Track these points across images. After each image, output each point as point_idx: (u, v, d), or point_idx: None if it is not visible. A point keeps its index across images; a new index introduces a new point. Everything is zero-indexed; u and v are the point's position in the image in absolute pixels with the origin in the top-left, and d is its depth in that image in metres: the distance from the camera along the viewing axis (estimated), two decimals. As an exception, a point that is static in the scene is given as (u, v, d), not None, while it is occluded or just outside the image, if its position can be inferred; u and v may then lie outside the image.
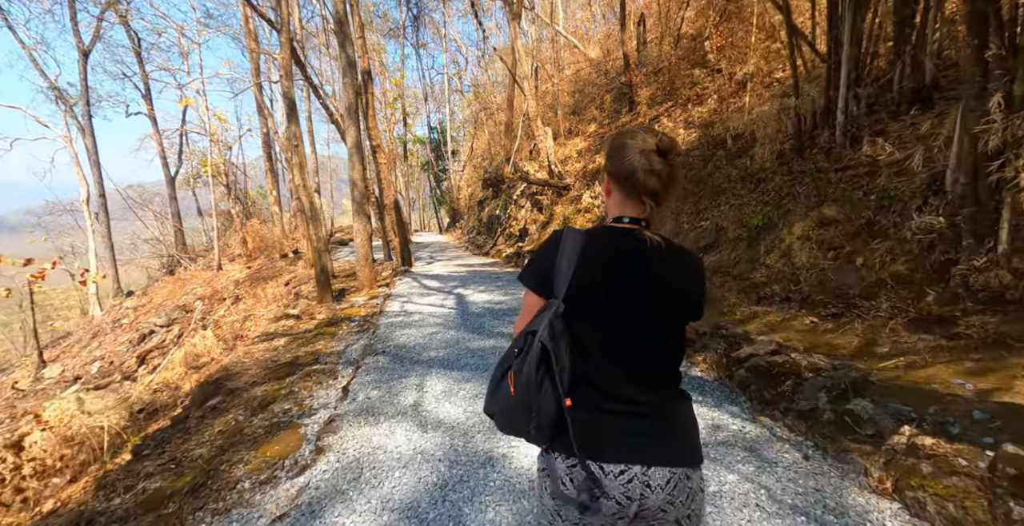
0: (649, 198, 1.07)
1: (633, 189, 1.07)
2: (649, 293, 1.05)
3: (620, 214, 1.11)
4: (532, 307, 1.10)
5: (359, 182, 9.08)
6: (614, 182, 1.11)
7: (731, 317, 4.55)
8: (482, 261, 12.98)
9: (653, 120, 12.43)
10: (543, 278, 1.09)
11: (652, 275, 1.06)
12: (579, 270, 1.04)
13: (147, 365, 12.91)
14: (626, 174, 1.07)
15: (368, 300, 8.04)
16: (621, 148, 1.08)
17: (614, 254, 1.07)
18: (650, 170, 1.04)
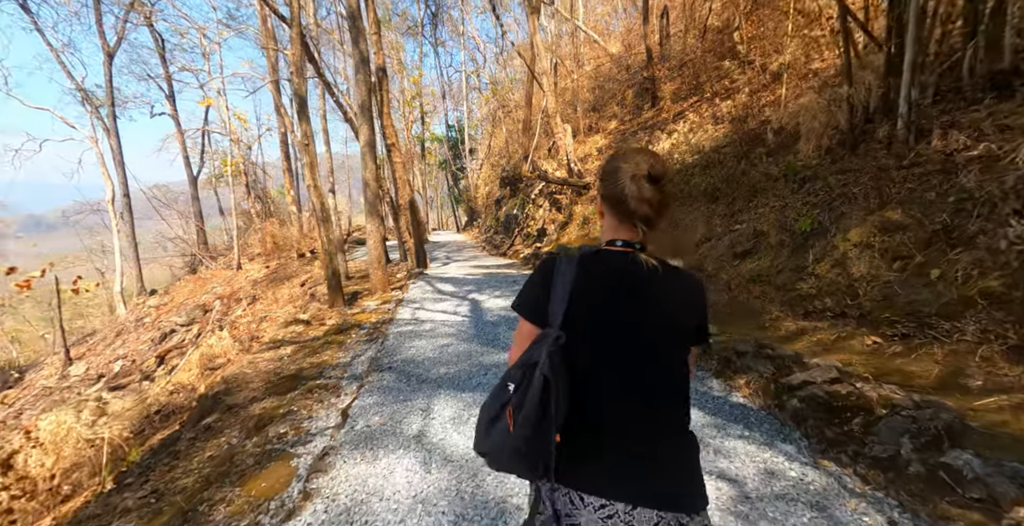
0: (641, 223, 1.05)
1: (625, 215, 1.05)
2: (647, 318, 1.01)
3: (614, 237, 1.08)
4: (526, 337, 1.05)
5: (372, 182, 8.74)
6: (606, 205, 1.09)
7: (773, 333, 4.04)
8: (499, 262, 12.56)
9: (677, 116, 11.85)
10: (537, 306, 1.05)
11: (649, 299, 1.02)
12: (574, 297, 1.00)
13: (166, 365, 12.86)
14: (617, 199, 1.04)
15: (380, 305, 7.70)
16: (614, 172, 1.05)
17: (609, 279, 1.03)
18: (640, 197, 1.02)
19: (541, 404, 0.94)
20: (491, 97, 22.81)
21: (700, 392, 3.52)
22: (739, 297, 4.77)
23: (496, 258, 13.94)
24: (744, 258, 4.85)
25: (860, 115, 4.17)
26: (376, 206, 8.77)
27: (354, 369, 4.64)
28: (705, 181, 6.35)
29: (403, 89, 26.04)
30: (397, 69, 26.31)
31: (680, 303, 1.05)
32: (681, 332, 1.05)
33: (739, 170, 5.97)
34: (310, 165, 7.63)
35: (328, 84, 9.52)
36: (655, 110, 14.04)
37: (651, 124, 13.09)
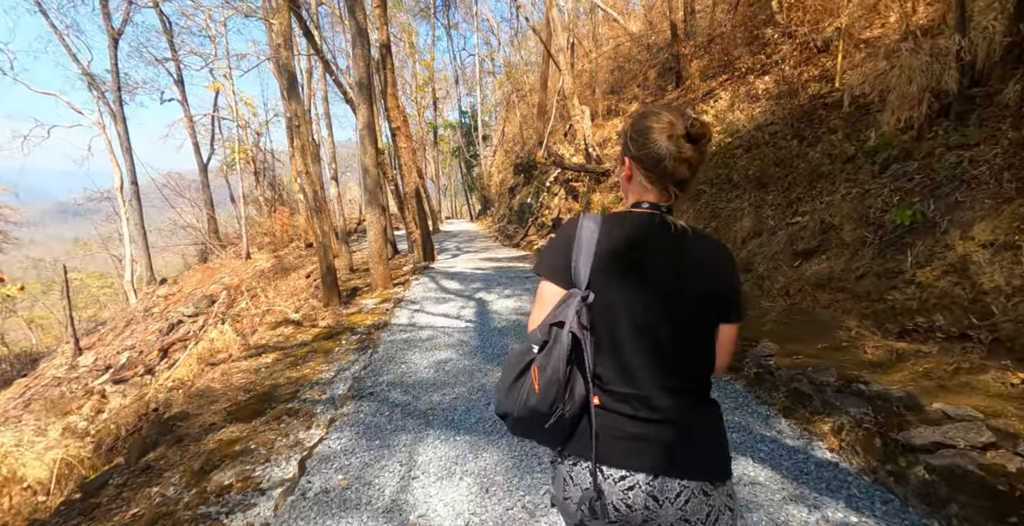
0: (675, 186, 0.98)
1: (660, 176, 0.97)
2: (673, 281, 0.95)
3: (640, 199, 1.01)
4: (549, 299, 1.00)
5: (371, 168, 7.87)
6: (638, 167, 1.00)
7: (856, 356, 3.11)
8: (511, 254, 11.68)
9: (707, 95, 10.72)
10: (561, 267, 0.99)
11: (675, 261, 0.96)
12: (599, 257, 0.96)
13: (169, 358, 12.31)
14: (653, 161, 0.96)
15: (379, 303, 6.89)
16: (646, 131, 0.97)
17: (636, 240, 0.97)
18: (680, 158, 0.94)
19: (568, 363, 0.90)
20: (505, 80, 21.67)
21: (767, 438, 2.63)
22: (801, 305, 3.83)
23: (508, 249, 13.06)
24: (808, 258, 3.90)
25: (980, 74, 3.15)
26: (376, 195, 7.92)
27: (334, 390, 3.82)
28: (751, 165, 5.36)
29: (415, 73, 25.01)
30: (409, 53, 25.27)
31: (707, 268, 0.98)
32: (708, 299, 0.97)
33: (794, 151, 4.97)
34: (301, 149, 6.79)
35: (327, 62, 8.64)
36: (680, 90, 12.89)
37: (677, 106, 11.96)
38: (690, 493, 0.89)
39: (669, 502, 0.89)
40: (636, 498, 0.89)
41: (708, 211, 5.61)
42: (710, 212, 5.54)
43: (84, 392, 11.81)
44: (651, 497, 0.89)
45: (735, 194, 5.44)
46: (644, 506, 0.89)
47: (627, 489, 0.90)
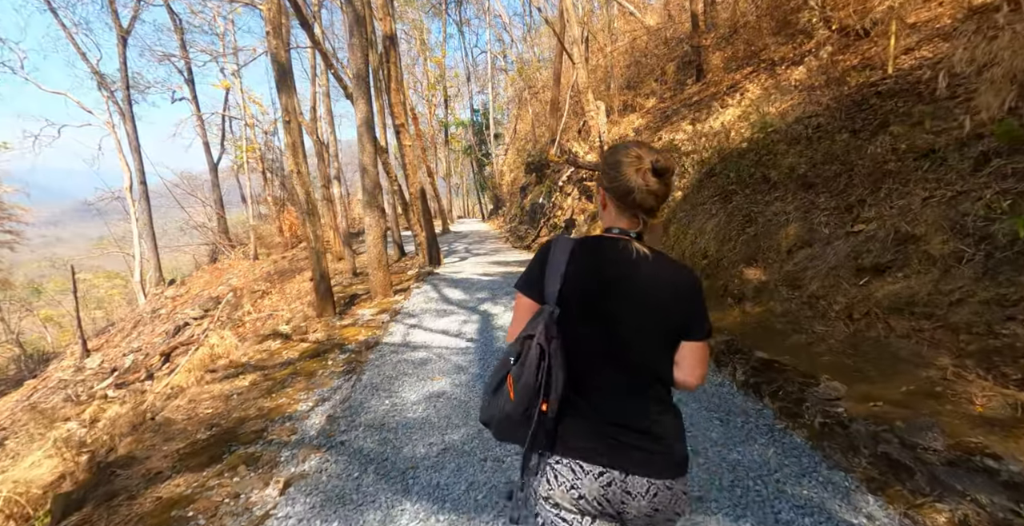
0: (644, 214, 1.07)
1: (629, 206, 1.06)
2: (632, 302, 1.03)
3: (613, 225, 1.10)
4: (524, 312, 1.09)
5: (370, 168, 7.25)
6: (610, 197, 1.09)
7: (958, 406, 2.37)
8: (520, 257, 11.00)
9: (731, 88, 9.91)
10: (535, 284, 1.09)
11: (635, 284, 1.04)
12: (568, 275, 1.04)
13: (171, 363, 11.87)
14: (624, 192, 1.05)
15: (376, 314, 6.27)
16: (616, 165, 1.06)
17: (600, 262, 1.06)
18: (647, 190, 1.04)
19: (538, 371, 0.97)
20: (517, 77, 20.95)
21: (856, 530, 1.92)
22: (868, 333, 3.10)
23: (519, 252, 12.37)
24: (878, 275, 3.16)
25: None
26: (375, 196, 7.30)
27: (306, 428, 3.19)
28: (793, 162, 4.60)
29: (426, 71, 24.41)
30: (420, 50, 24.68)
31: (668, 290, 1.05)
32: (669, 318, 1.05)
33: (847, 146, 4.20)
34: (292, 146, 6.18)
35: (326, 55, 8.05)
36: (701, 84, 12.07)
37: (697, 100, 11.16)
38: (656, 488, 1.00)
39: (641, 496, 0.99)
40: (613, 493, 1.00)
41: (741, 215, 4.87)
42: (744, 217, 4.81)
43: (87, 396, 11.45)
44: (626, 492, 1.00)
45: (775, 196, 4.69)
46: (621, 501, 1.00)
47: (605, 485, 0.99)
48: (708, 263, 4.98)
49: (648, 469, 1.00)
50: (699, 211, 5.67)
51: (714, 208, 5.43)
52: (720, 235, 5.03)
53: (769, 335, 3.67)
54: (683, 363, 1.07)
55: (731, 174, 5.53)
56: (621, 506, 0.99)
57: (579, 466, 1.00)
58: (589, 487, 0.99)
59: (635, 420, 1.02)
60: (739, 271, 4.44)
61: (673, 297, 1.05)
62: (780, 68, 9.41)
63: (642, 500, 0.99)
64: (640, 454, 1.01)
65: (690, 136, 8.82)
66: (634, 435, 1.01)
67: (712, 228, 5.24)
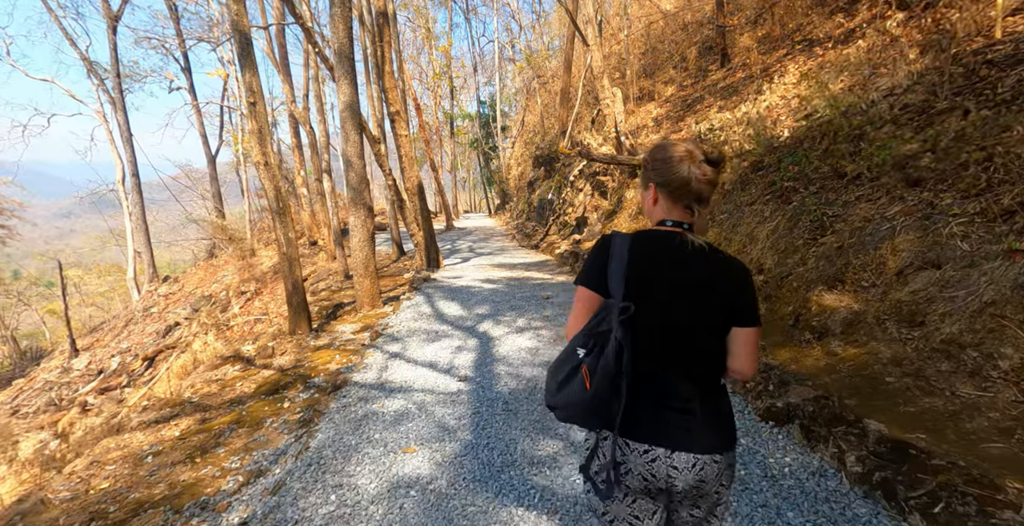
0: (697, 204, 1.10)
1: (684, 196, 1.09)
2: (693, 291, 1.07)
3: (665, 218, 1.13)
4: (587, 306, 1.12)
5: (355, 160, 6.16)
6: (663, 191, 1.12)
7: None
8: (528, 258, 9.90)
9: (765, 71, 8.69)
10: (599, 279, 1.11)
11: (692, 275, 1.07)
12: (631, 270, 1.07)
13: (154, 368, 10.94)
14: (679, 184, 1.08)
15: (358, 332, 5.22)
16: (667, 160, 1.10)
17: (661, 254, 1.09)
18: (705, 180, 1.07)
19: (616, 365, 1.01)
20: (526, 66, 19.69)
21: None
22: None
23: (527, 252, 11.27)
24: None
25: None
26: (362, 193, 6.21)
27: (215, 536, 2.14)
28: (881, 152, 3.46)
29: (432, 60, 23.17)
30: (425, 38, 23.45)
31: (720, 281, 1.08)
32: (724, 306, 1.08)
33: (965, 129, 3.06)
34: (259, 134, 5.10)
35: (308, 30, 6.92)
36: (726, 70, 10.83)
37: (725, 86, 9.94)
38: (703, 463, 1.06)
39: (687, 470, 1.05)
40: (659, 468, 1.05)
41: (810, 220, 3.74)
42: (814, 222, 3.68)
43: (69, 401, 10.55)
44: (672, 467, 1.05)
45: (857, 194, 3.56)
46: (667, 475, 1.05)
47: (650, 461, 1.05)
48: (765, 280, 3.85)
49: (692, 446, 1.05)
50: (746, 213, 4.54)
51: (767, 210, 4.30)
52: (780, 245, 3.91)
53: (878, 393, 2.56)
54: (737, 350, 1.11)
55: (788, 167, 4.39)
56: (670, 480, 1.05)
57: (625, 443, 1.07)
58: (635, 462, 1.06)
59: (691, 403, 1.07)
60: (816, 295, 3.32)
61: (726, 286, 1.08)
62: (823, 47, 8.19)
63: (688, 474, 1.04)
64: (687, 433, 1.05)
65: (722, 125, 7.63)
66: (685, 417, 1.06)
67: (767, 235, 4.11)
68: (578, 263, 7.74)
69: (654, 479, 1.05)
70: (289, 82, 11.86)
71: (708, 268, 1.07)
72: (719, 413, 1.10)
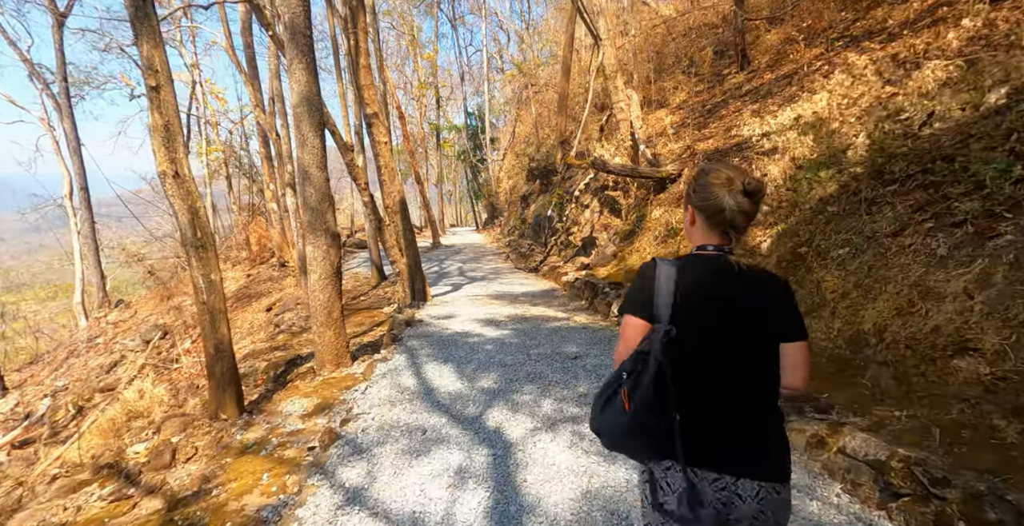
0: (733, 231, 1.11)
1: (719, 223, 1.10)
2: (741, 312, 1.07)
3: (704, 242, 1.14)
4: (635, 333, 1.10)
5: (315, 171, 4.53)
6: (700, 214, 1.13)
7: None
8: (532, 286, 8.32)
9: (795, 75, 7.38)
10: (646, 305, 1.10)
11: (740, 296, 1.08)
12: (678, 295, 1.07)
13: (83, 416, 8.98)
14: (714, 211, 1.09)
15: (311, 415, 3.54)
16: (707, 186, 1.10)
17: (707, 279, 1.10)
18: (738, 210, 1.07)
19: (655, 386, 0.99)
20: (517, 73, 18.34)
21: None
22: None
23: (526, 277, 9.69)
24: None
25: None
26: (323, 214, 4.57)
27: None
28: None
29: (417, 68, 21.70)
30: (410, 47, 22.01)
31: (765, 300, 1.09)
32: (772, 324, 1.08)
33: None
34: (163, 131, 3.45)
35: (258, 7, 5.30)
36: (747, 73, 9.53)
37: (751, 89, 8.60)
38: (765, 492, 1.01)
39: (750, 499, 1.01)
40: (727, 497, 1.01)
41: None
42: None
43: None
44: (736, 495, 1.01)
45: None
46: (731, 502, 1.01)
47: (720, 489, 1.02)
48: (992, 377, 2.27)
49: (757, 473, 1.02)
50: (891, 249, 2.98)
51: (941, 246, 2.72)
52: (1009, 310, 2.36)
53: None
54: (786, 365, 1.10)
55: (957, 180, 2.89)
56: (731, 508, 1.01)
57: (693, 472, 1.03)
58: (704, 492, 1.01)
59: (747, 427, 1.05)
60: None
61: (772, 305, 1.09)
62: (866, 44, 6.90)
63: (752, 503, 1.00)
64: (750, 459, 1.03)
65: (768, 131, 6.21)
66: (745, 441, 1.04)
67: (966, 288, 2.54)
68: (597, 298, 6.19)
69: (724, 508, 1.02)
70: (254, 85, 10.19)
71: (753, 288, 1.08)
72: (778, 438, 1.08)
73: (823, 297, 3.05)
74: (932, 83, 4.72)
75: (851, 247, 3.06)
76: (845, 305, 2.86)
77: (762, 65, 9.25)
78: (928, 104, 4.40)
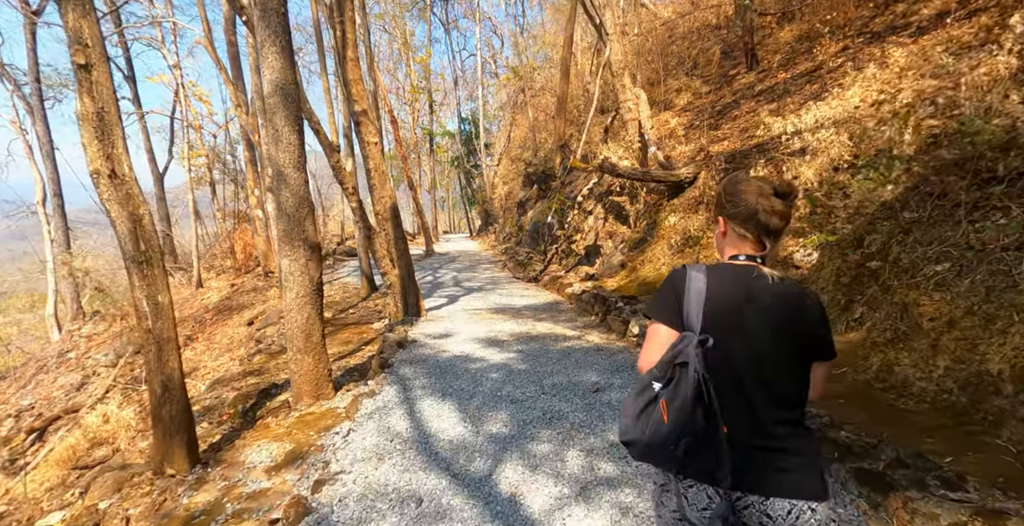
0: (768, 237, 1.07)
1: (754, 229, 1.07)
2: (772, 325, 1.03)
3: (736, 252, 1.10)
4: (662, 340, 1.07)
5: (291, 171, 3.87)
6: (733, 223, 1.10)
7: None
8: (534, 298, 7.67)
9: (814, 73, 6.88)
10: (675, 312, 1.07)
11: (771, 308, 1.03)
12: (709, 304, 1.03)
13: (43, 441, 8.17)
14: (747, 215, 1.06)
15: (278, 469, 2.86)
16: (737, 193, 1.08)
17: (739, 289, 1.05)
18: (772, 211, 1.04)
19: (695, 399, 0.95)
20: (512, 76, 17.79)
21: None
22: None
23: (526, 287, 9.04)
24: None
25: None
26: (301, 222, 3.90)
27: None
28: None
29: (409, 72, 21.11)
30: (402, 50, 21.44)
31: (797, 315, 1.04)
32: (805, 340, 1.04)
33: None
34: (95, 121, 2.78)
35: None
36: (758, 73, 9.03)
37: (765, 88, 8.08)
38: (799, 511, 0.95)
39: (782, 519, 0.96)
40: (751, 517, 0.97)
41: None
42: None
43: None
44: (765, 515, 0.96)
45: None
46: (759, 522, 0.96)
47: (743, 508, 0.98)
48: None
49: (788, 490, 0.97)
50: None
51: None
52: None
53: None
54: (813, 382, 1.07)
55: None
56: None
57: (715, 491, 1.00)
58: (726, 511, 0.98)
59: (779, 442, 1.01)
60: None
61: (804, 320, 1.04)
62: (899, 36, 6.43)
63: (783, 523, 0.95)
64: (777, 476, 0.98)
65: (795, 130, 5.65)
66: (773, 458, 0.99)
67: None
68: (610, 314, 5.54)
69: None
70: (237, 85, 9.49)
71: (786, 302, 1.04)
72: (809, 453, 1.03)
73: (915, 324, 2.44)
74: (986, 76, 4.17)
75: (952, 262, 2.46)
76: (953, 337, 2.25)
77: (773, 64, 8.76)
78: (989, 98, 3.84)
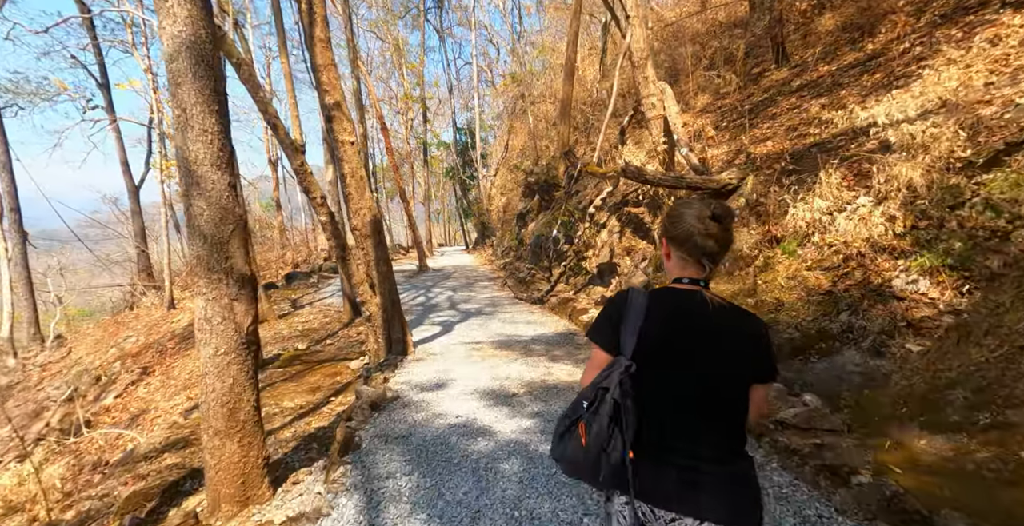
0: (707, 260, 1.06)
1: (691, 252, 1.07)
2: (710, 351, 1.02)
3: (680, 275, 1.10)
4: (599, 362, 1.07)
5: (207, 171, 2.59)
6: (673, 245, 1.10)
7: None
8: (541, 326, 6.39)
9: (866, 65, 5.76)
10: (611, 336, 1.06)
11: (712, 334, 1.03)
12: (644, 329, 1.02)
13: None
14: (683, 238, 1.07)
15: None
16: (679, 216, 1.09)
17: (677, 314, 1.05)
18: (707, 233, 1.04)
19: (610, 424, 0.96)
20: (510, 83, 16.76)
21: None
22: None
23: (531, 310, 7.76)
24: None
25: None
26: (222, 246, 2.62)
27: None
28: None
29: (402, 80, 20.06)
30: (395, 60, 20.40)
31: (741, 340, 1.04)
32: (745, 364, 1.04)
33: None
34: None
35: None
36: (792, 69, 7.94)
37: (802, 85, 6.96)
38: None
39: None
40: None
41: None
42: None
43: None
44: None
45: None
46: None
47: None
48: None
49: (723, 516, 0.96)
50: None
51: None
52: None
53: None
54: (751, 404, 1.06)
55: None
56: None
57: (651, 511, 0.99)
58: None
59: (711, 467, 0.99)
60: None
61: (746, 344, 1.04)
62: (973, 21, 5.33)
63: None
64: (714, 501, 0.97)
65: (880, 124, 4.48)
66: (709, 481, 0.98)
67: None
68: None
69: None
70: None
71: (726, 326, 1.03)
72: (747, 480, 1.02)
73: None
74: None
75: None
76: None
77: (808, 58, 7.67)
78: None
